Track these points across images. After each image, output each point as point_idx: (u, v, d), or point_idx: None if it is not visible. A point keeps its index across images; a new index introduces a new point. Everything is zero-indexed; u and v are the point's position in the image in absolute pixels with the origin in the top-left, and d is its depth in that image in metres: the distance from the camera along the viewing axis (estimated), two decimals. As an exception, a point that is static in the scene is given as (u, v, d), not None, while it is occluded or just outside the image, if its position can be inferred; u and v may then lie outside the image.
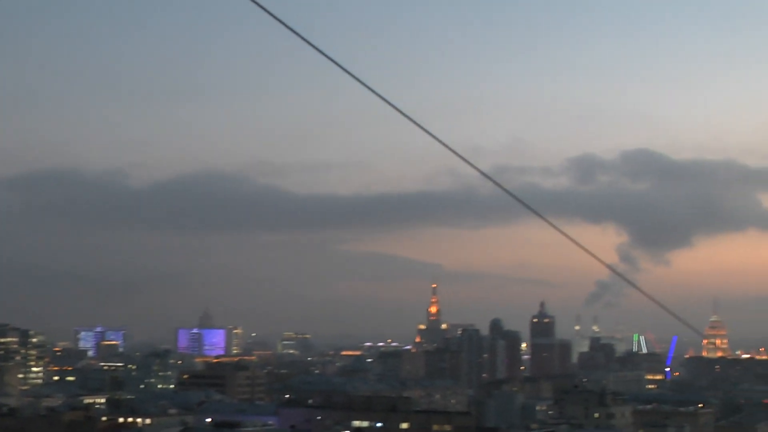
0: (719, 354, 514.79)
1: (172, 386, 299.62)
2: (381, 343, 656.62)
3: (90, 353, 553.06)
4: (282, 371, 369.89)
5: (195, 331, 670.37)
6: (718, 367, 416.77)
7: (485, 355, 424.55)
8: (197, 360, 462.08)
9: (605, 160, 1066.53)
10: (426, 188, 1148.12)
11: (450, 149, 28.04)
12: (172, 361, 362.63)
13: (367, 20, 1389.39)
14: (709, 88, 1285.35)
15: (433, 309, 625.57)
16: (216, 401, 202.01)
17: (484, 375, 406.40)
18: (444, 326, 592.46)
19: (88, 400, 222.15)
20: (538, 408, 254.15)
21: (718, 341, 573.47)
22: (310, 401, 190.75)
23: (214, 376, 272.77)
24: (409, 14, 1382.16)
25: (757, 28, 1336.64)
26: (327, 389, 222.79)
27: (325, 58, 24.51)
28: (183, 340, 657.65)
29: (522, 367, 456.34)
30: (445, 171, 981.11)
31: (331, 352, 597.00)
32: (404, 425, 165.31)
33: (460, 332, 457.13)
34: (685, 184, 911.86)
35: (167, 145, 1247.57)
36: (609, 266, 41.99)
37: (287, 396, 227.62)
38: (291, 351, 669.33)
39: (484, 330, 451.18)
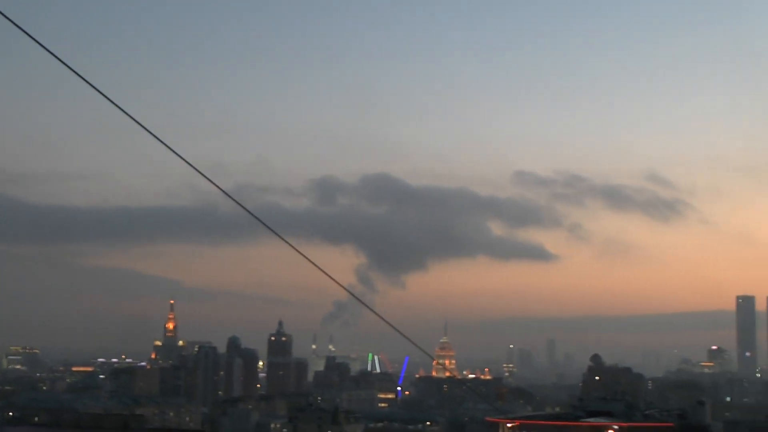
0: (447, 374, 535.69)
1: None
2: (115, 359, 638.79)
3: None
4: (6, 388, 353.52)
5: None
6: (446, 386, 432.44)
7: (221, 373, 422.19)
8: None
9: (346, 183, 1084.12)
10: (167, 203, 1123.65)
11: (189, 164, 28.57)
12: None
13: (115, 33, 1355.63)
14: (448, 119, 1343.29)
15: (170, 325, 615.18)
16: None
17: (219, 393, 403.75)
18: (181, 343, 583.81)
19: None
20: (272, 426, 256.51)
21: (447, 362, 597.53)
22: (36, 419, 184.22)
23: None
24: (158, 28, 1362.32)
25: (483, 65, 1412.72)
26: (55, 407, 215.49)
27: (65, 67, 24.55)
28: None
29: (258, 385, 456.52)
30: (186, 186, 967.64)
31: (62, 368, 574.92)
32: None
33: (196, 349, 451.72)
34: (421, 210, 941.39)
35: None
36: (345, 287, 43.57)
37: (11, 414, 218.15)
38: (17, 366, 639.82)
39: (222, 347, 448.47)
